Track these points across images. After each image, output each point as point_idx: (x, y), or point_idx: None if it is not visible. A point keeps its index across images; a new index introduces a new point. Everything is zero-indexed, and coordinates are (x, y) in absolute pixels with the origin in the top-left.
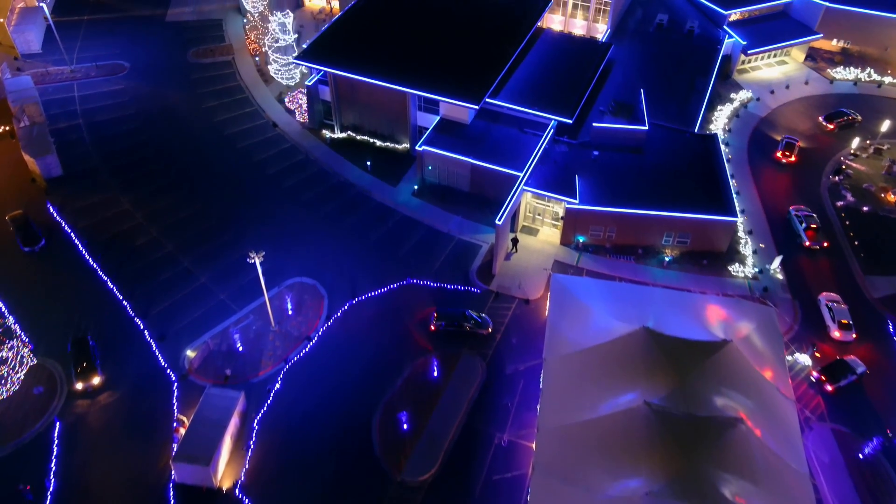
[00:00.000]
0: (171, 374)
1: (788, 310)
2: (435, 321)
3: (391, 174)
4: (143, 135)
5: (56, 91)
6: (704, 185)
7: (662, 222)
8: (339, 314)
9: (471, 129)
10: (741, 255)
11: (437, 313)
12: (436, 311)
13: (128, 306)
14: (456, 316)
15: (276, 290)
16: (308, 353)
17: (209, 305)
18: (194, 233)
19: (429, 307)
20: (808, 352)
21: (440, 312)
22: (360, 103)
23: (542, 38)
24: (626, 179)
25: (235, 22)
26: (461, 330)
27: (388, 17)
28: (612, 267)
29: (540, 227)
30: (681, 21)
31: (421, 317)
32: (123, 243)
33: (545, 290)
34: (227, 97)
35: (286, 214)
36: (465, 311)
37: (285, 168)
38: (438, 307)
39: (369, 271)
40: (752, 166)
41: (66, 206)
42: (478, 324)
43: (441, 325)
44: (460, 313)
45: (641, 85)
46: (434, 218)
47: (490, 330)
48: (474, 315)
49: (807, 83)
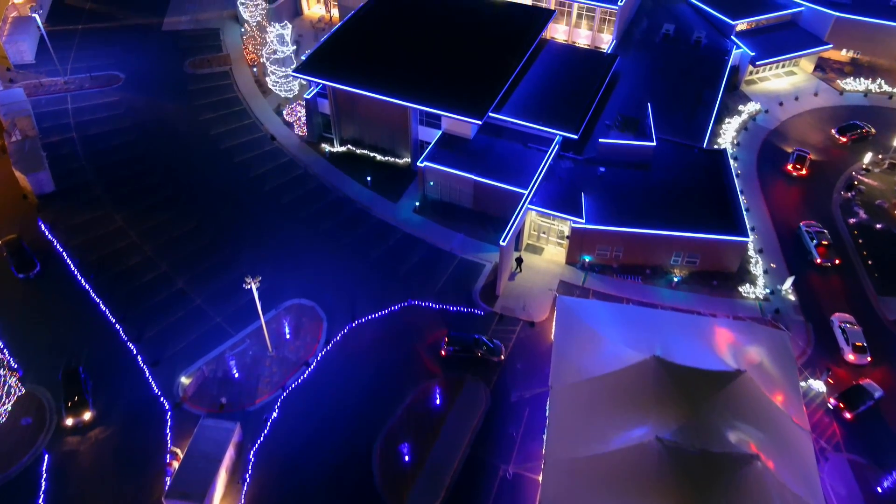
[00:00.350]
0: (164, 402)
1: (801, 333)
2: (446, 346)
3: (392, 190)
4: (138, 148)
5: (49, 103)
6: (714, 202)
7: (671, 242)
8: (339, 338)
9: (474, 143)
10: (752, 276)
11: (449, 338)
12: (447, 336)
13: (120, 330)
14: (467, 341)
15: (274, 313)
16: (306, 380)
17: (204, 329)
18: (189, 251)
19: (433, 330)
20: (821, 377)
21: (451, 337)
22: (359, 117)
23: (547, 49)
24: (634, 197)
25: (233, 31)
26: (472, 356)
27: (389, 28)
28: (619, 287)
29: (545, 246)
30: (687, 31)
31: (431, 341)
32: (116, 263)
33: (550, 311)
34: (223, 109)
35: (284, 232)
36: (478, 336)
37: (283, 183)
38: (450, 332)
39: (369, 292)
40: (762, 180)
41: (58, 223)
42: (490, 350)
43: (451, 350)
44: (472, 339)
45: (648, 97)
46: (436, 236)
47: (502, 357)
48: (486, 341)
49: (816, 94)
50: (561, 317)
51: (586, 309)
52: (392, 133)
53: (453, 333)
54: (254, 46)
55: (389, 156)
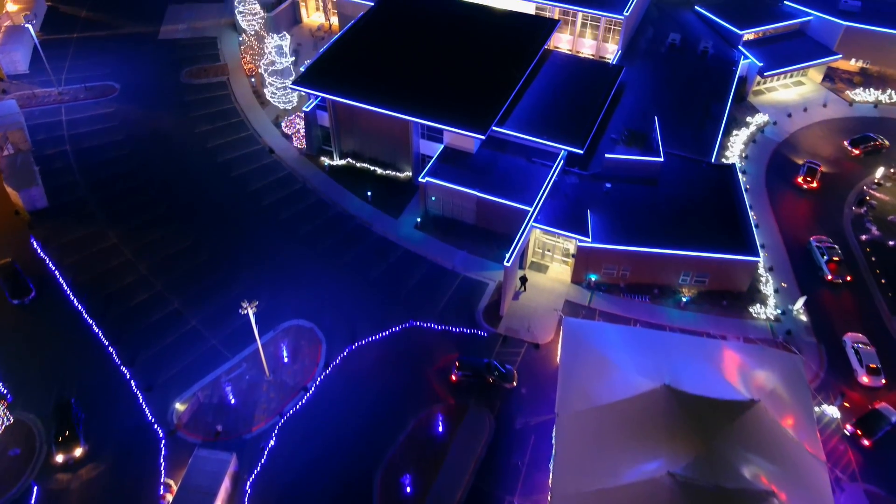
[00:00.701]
0: (158, 429)
1: (814, 355)
2: (456, 370)
3: (393, 205)
4: (133, 162)
5: (43, 115)
6: (723, 220)
7: (679, 261)
8: (338, 361)
9: (476, 158)
10: (762, 295)
11: (460, 363)
12: (458, 361)
13: (114, 353)
14: (479, 367)
15: (272, 335)
16: (304, 406)
17: (200, 352)
18: (185, 270)
19: (435, 353)
20: (836, 402)
21: (462, 362)
22: (360, 130)
23: (551, 60)
24: (641, 214)
25: (230, 40)
26: (484, 382)
27: (389, 38)
28: (626, 307)
29: (550, 264)
30: (694, 41)
31: (441, 365)
32: (110, 282)
33: (556, 333)
34: (221, 121)
35: (282, 249)
36: (490, 361)
37: (282, 198)
38: (461, 356)
39: (370, 312)
40: (771, 194)
41: (50, 240)
42: (502, 375)
43: (461, 375)
44: (484, 364)
45: (654, 109)
46: (438, 253)
47: (515, 384)
48: (498, 365)
49: (825, 105)
50: (567, 339)
51: (593, 331)
52: (393, 146)
53: (464, 358)
54: (252, 56)
55: (390, 169)
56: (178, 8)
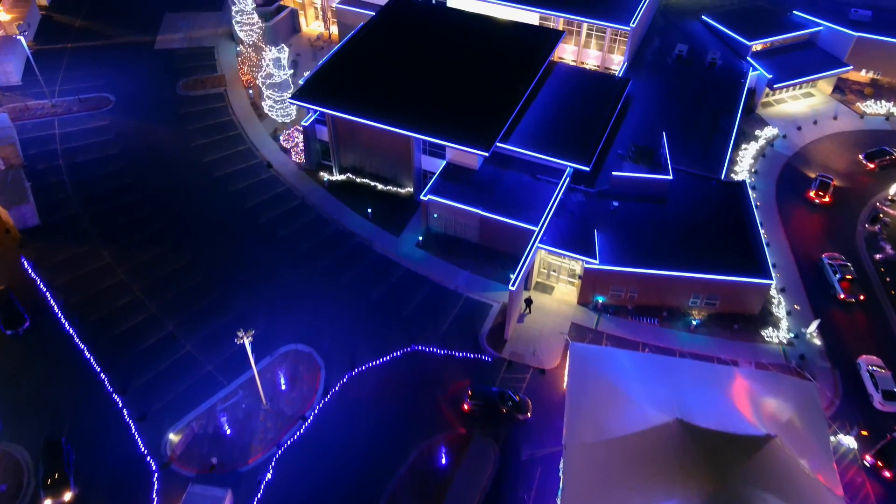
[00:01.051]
0: (151, 462)
1: (828, 381)
2: (469, 399)
3: (394, 222)
4: (128, 177)
5: (36, 128)
6: (734, 240)
7: (689, 283)
8: (337, 388)
9: (479, 175)
10: (774, 318)
11: (472, 391)
12: (470, 389)
13: (106, 380)
14: (492, 396)
15: (269, 361)
16: (303, 436)
17: (195, 378)
18: (180, 291)
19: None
20: (852, 432)
21: (475, 391)
22: (360, 145)
23: (555, 72)
24: (649, 234)
25: (228, 50)
26: (497, 411)
27: (390, 50)
28: (634, 330)
29: (555, 285)
30: (701, 52)
31: (452, 392)
32: (103, 304)
33: (562, 358)
34: (218, 134)
35: (280, 269)
36: (504, 390)
37: (280, 215)
38: (473, 384)
39: (370, 336)
40: (782, 210)
41: (42, 260)
42: (516, 406)
43: (473, 404)
44: (497, 393)
45: (661, 123)
46: (440, 273)
47: (529, 415)
48: (513, 395)
49: (836, 118)
50: (574, 366)
51: (601, 358)
52: (394, 162)
53: (477, 387)
54: (249, 67)
55: (391, 185)
56: (174, 17)
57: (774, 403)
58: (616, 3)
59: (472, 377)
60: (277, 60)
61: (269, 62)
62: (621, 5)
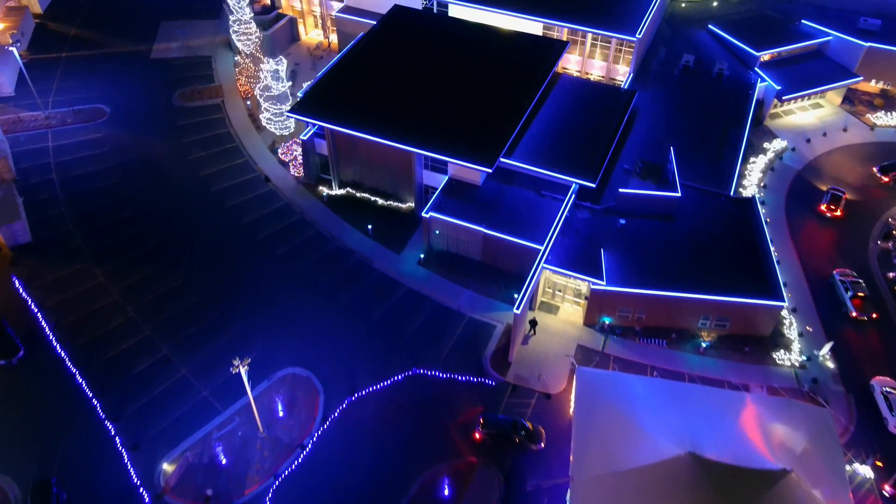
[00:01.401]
0: (144, 493)
1: (842, 406)
2: (481, 428)
3: (394, 239)
4: (122, 192)
5: (29, 141)
6: (744, 260)
7: (698, 305)
8: (337, 414)
9: (483, 191)
10: (786, 339)
11: (484, 420)
12: (482, 417)
13: (98, 406)
14: (504, 425)
15: (266, 385)
16: (301, 465)
17: (190, 404)
18: (175, 312)
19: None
20: (868, 461)
21: (487, 420)
22: (360, 159)
23: (560, 84)
24: (657, 253)
25: (225, 59)
26: (510, 441)
27: (390, 61)
28: (642, 353)
29: (560, 304)
30: (708, 62)
31: (463, 420)
32: (96, 326)
33: (568, 381)
34: (215, 146)
35: (278, 288)
36: (517, 419)
37: (278, 231)
38: (485, 413)
39: (370, 358)
40: (792, 225)
41: (33, 279)
42: (529, 435)
43: (485, 433)
44: (510, 422)
45: (668, 136)
46: (442, 292)
47: (543, 445)
48: (526, 425)
49: (845, 130)
50: (581, 392)
51: (608, 383)
52: (394, 177)
53: (489, 415)
54: (247, 78)
55: (392, 200)
56: (171, 25)
57: (788, 433)
58: (621, 13)
59: (483, 405)
60: (275, 72)
61: (267, 74)
62: (627, 15)
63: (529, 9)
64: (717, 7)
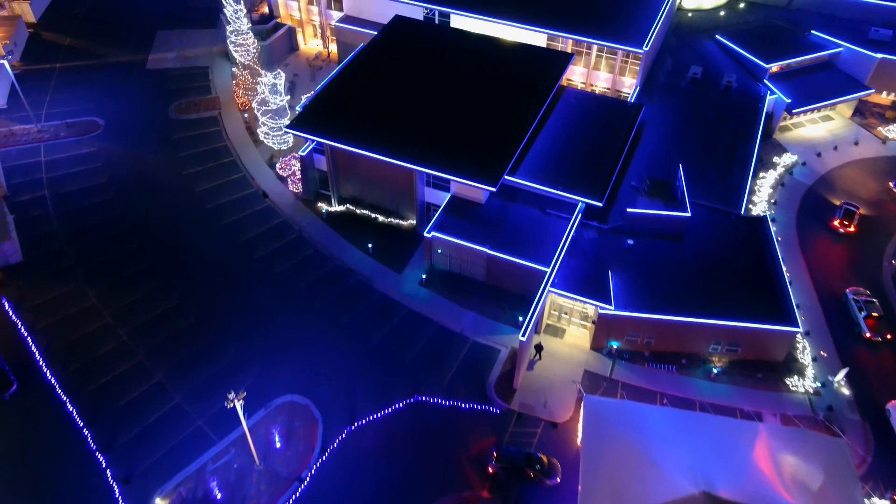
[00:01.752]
0: None
1: (859, 435)
2: (494, 462)
3: (396, 257)
4: (116, 208)
5: (21, 155)
6: (756, 283)
7: (709, 330)
8: (336, 445)
9: (486, 209)
10: (800, 364)
11: (498, 453)
12: (496, 450)
13: (89, 436)
14: (518, 458)
15: (262, 414)
16: (299, 500)
17: (184, 434)
18: (169, 336)
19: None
20: (887, 495)
21: (501, 453)
22: (360, 176)
23: (564, 98)
24: (666, 275)
25: (223, 70)
26: (524, 476)
27: (390, 76)
28: (651, 378)
29: (566, 327)
30: (716, 74)
31: (476, 451)
32: (87, 350)
33: (575, 409)
34: (211, 161)
35: (276, 310)
36: (532, 452)
37: (276, 249)
38: (499, 445)
39: (371, 385)
40: (803, 243)
41: (23, 301)
42: (545, 469)
43: (499, 467)
44: (524, 455)
45: (676, 151)
46: (445, 313)
47: (559, 480)
48: (542, 459)
49: (857, 143)
50: (589, 422)
51: (618, 413)
52: (395, 193)
53: (503, 448)
54: (244, 91)
55: (393, 217)
56: (167, 34)
57: (804, 467)
58: (628, 24)
59: (494, 436)
60: (273, 86)
61: (265, 88)
62: (634, 26)
63: (533, 20)
64: (724, 16)
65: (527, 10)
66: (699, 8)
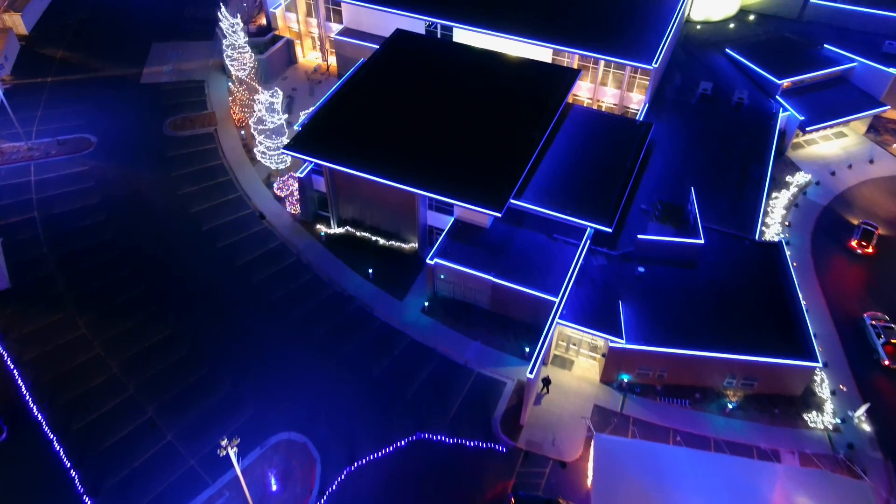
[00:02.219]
0: None
1: (881, 475)
2: None
3: (397, 283)
4: (108, 231)
5: (10, 174)
6: (773, 313)
7: (724, 364)
8: (335, 487)
9: (491, 234)
10: (818, 399)
11: (515, 499)
12: (513, 496)
13: (76, 478)
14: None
15: (258, 453)
16: None
17: (176, 475)
18: (162, 368)
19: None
20: None
21: (519, 498)
22: (360, 198)
23: (572, 116)
24: (678, 305)
25: (219, 84)
26: None
27: (391, 93)
28: (663, 414)
29: (575, 359)
30: (727, 90)
31: (491, 496)
32: (76, 384)
33: (585, 448)
34: (207, 180)
35: (273, 339)
36: (551, 497)
37: (273, 275)
38: (517, 491)
39: (371, 421)
40: (818, 265)
41: (10, 331)
42: None
43: None
44: (545, 502)
45: (687, 171)
46: (448, 343)
47: None
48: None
49: (872, 161)
50: (600, 463)
51: (629, 454)
52: (396, 216)
53: (521, 493)
54: (240, 108)
55: (394, 240)
56: (162, 46)
57: None
58: (636, 39)
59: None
60: (270, 105)
61: (262, 106)
62: (642, 41)
63: (538, 34)
64: (733, 29)
65: (532, 23)
66: (708, 20)
